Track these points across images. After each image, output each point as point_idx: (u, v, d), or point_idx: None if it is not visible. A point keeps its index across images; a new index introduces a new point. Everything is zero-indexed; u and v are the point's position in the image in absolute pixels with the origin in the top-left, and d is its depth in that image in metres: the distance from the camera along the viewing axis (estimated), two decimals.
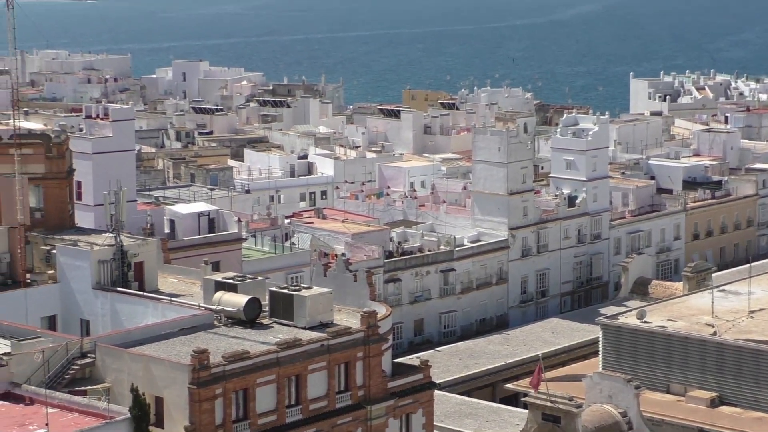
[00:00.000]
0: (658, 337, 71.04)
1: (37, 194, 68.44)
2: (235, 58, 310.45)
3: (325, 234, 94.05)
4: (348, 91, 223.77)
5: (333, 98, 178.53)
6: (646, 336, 71.50)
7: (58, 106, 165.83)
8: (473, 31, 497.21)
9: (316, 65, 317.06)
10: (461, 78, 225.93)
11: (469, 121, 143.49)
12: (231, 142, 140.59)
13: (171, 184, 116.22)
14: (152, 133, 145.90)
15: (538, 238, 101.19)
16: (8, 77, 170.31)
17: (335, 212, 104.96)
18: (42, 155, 68.86)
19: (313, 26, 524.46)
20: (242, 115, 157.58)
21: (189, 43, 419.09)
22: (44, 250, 65.97)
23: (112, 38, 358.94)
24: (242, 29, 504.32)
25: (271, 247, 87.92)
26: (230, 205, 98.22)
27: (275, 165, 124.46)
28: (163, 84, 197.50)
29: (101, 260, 62.02)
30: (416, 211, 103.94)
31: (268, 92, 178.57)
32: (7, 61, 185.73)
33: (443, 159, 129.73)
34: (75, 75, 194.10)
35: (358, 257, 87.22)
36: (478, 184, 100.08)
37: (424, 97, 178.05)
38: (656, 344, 71.06)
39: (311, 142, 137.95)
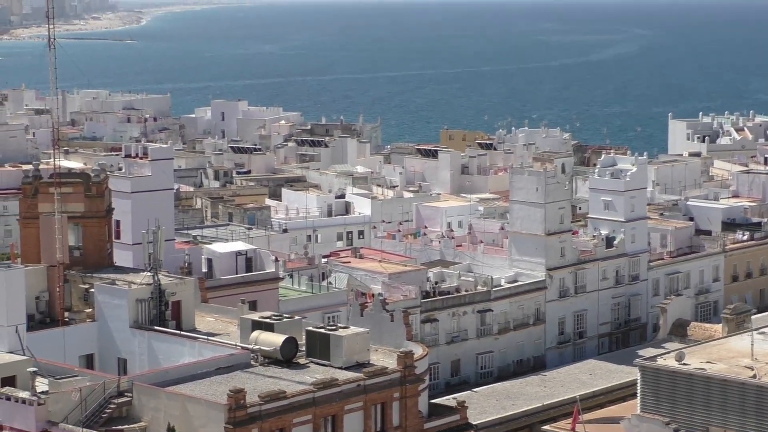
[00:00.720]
0: (697, 380, 70.28)
1: (77, 233, 68.86)
2: (273, 98, 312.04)
3: (362, 273, 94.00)
4: (386, 131, 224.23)
5: (371, 138, 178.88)
6: (685, 378, 70.76)
7: (97, 146, 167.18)
8: (511, 71, 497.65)
9: (354, 105, 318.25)
10: (499, 118, 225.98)
11: (507, 161, 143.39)
12: (269, 181, 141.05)
13: (209, 223, 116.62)
14: (191, 172, 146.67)
15: (576, 278, 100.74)
16: (49, 116, 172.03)
17: (372, 252, 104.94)
18: (81, 194, 69.32)
19: (352, 66, 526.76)
20: (280, 155, 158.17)
21: (228, 82, 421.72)
22: (83, 288, 66.29)
23: (151, 78, 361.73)
24: (280, 69, 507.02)
25: (308, 286, 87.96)
26: (267, 245, 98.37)
27: (313, 204, 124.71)
28: (202, 123, 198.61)
29: (139, 299, 62.28)
30: (453, 251, 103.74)
31: (306, 132, 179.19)
32: (49, 101, 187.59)
33: (480, 199, 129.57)
34: (115, 114, 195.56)
35: (394, 297, 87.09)
36: (516, 224, 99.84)
37: (461, 137, 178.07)
38: (695, 387, 70.31)
39: (349, 181, 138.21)
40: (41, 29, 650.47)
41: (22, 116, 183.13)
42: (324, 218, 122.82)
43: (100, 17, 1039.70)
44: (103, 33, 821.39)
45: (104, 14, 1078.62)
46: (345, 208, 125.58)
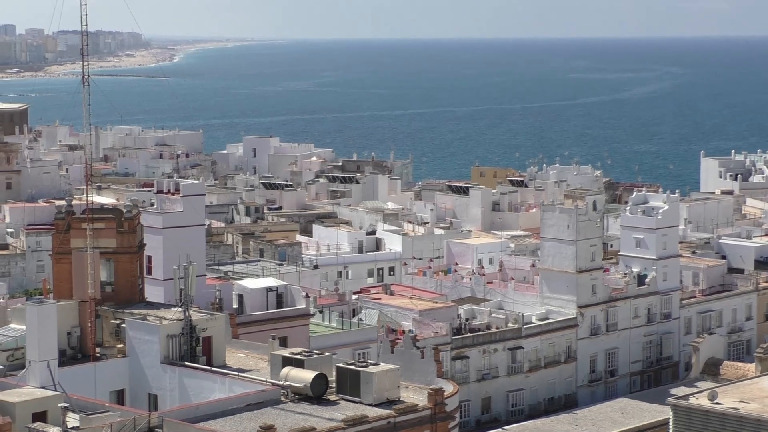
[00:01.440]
0: (730, 419, 69.70)
1: (108, 268, 69.13)
2: (305, 134, 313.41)
3: (393, 310, 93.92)
4: (417, 168, 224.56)
5: (402, 174, 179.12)
6: (718, 418, 70.19)
7: (130, 181, 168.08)
8: (542, 108, 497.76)
9: (386, 141, 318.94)
10: (530, 155, 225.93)
11: (538, 198, 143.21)
12: (300, 217, 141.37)
13: (240, 259, 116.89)
14: (222, 208, 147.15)
15: (607, 316, 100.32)
16: (82, 152, 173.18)
17: (403, 288, 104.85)
18: (114, 230, 69.65)
19: (383, 103, 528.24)
20: (311, 191, 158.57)
21: (260, 119, 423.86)
22: (114, 324, 66.49)
23: (184, 114, 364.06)
24: (312, 105, 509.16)
25: (338, 322, 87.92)
26: (298, 281, 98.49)
27: (343, 240, 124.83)
28: (233, 159, 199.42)
29: (170, 335, 62.41)
30: (484, 288, 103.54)
31: (337, 168, 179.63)
32: (82, 137, 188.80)
33: (511, 236, 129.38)
34: (147, 150, 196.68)
35: (425, 334, 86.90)
36: (547, 261, 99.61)
37: (492, 174, 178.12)
38: (728, 426, 69.73)
39: (379, 218, 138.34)
40: (75, 66, 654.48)
41: (55, 152, 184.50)
42: (355, 254, 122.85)
43: (133, 54, 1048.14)
44: (137, 70, 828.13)
45: (138, 51, 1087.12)
46: (376, 244, 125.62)
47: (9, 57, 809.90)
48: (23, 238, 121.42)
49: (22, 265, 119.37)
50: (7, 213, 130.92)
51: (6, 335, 65.75)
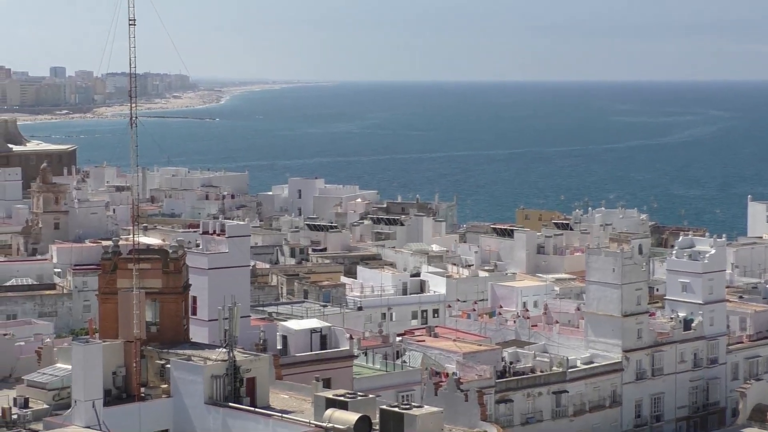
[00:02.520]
0: None
1: (154, 309, 69.39)
2: (350, 176, 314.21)
3: (437, 352, 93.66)
4: (461, 210, 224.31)
5: (446, 217, 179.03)
6: None
7: (176, 222, 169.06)
8: (587, 151, 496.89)
9: (430, 184, 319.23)
10: (575, 198, 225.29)
11: (583, 241, 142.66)
12: (344, 259, 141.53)
13: (284, 300, 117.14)
14: (267, 249, 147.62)
15: (653, 361, 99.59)
16: (129, 193, 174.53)
17: (447, 331, 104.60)
18: (159, 270, 69.96)
19: (428, 145, 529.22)
20: (356, 233, 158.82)
21: (305, 160, 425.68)
22: (159, 364, 66.67)
23: (230, 156, 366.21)
24: (357, 148, 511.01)
25: (382, 364, 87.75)
26: (342, 322, 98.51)
27: (388, 282, 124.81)
28: (278, 201, 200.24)
29: (214, 375, 62.52)
30: (528, 331, 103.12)
31: (382, 210, 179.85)
32: (129, 178, 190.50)
33: (556, 279, 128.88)
34: (193, 191, 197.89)
35: (469, 377, 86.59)
36: (592, 305, 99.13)
37: (537, 217, 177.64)
38: None
39: (424, 260, 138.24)
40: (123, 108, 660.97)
41: (103, 193, 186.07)
42: (399, 296, 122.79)
43: (180, 96, 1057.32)
44: (184, 111, 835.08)
45: (185, 93, 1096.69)
46: (420, 286, 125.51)
47: (59, 99, 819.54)
48: (70, 278, 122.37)
49: (68, 304, 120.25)
50: (55, 253, 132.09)
51: (52, 375, 66.18)
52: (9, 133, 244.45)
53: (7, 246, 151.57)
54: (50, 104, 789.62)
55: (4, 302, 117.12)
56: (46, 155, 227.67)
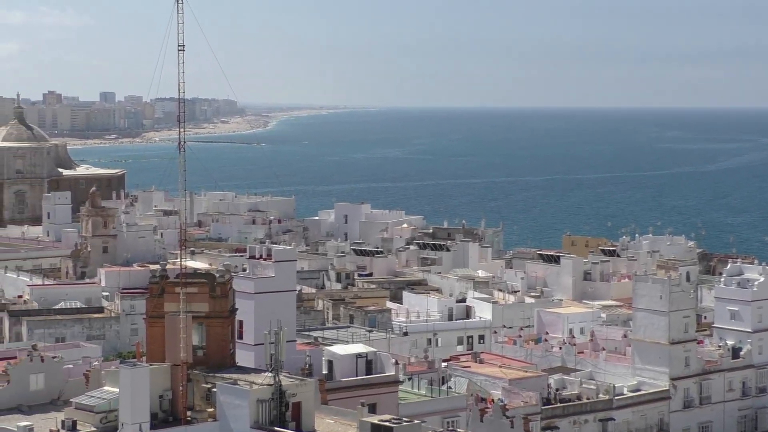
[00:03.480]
0: None
1: (200, 332, 69.75)
2: (396, 201, 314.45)
3: (482, 378, 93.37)
4: (507, 236, 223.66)
5: (492, 242, 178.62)
6: None
7: (223, 246, 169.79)
8: (635, 178, 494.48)
9: (477, 209, 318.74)
10: (622, 225, 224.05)
11: (630, 268, 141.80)
12: (390, 284, 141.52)
13: (330, 324, 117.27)
14: (313, 273, 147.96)
15: (701, 389, 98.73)
16: (177, 218, 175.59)
17: (493, 357, 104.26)
18: (206, 294, 70.34)
19: (475, 171, 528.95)
20: (402, 258, 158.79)
21: (351, 185, 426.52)
22: (205, 388, 66.96)
23: (277, 180, 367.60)
24: (404, 173, 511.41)
25: (427, 390, 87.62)
26: (388, 347, 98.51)
27: (433, 308, 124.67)
28: (325, 226, 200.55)
29: (260, 399, 62.70)
30: (575, 358, 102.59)
31: (428, 235, 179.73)
32: (177, 202, 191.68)
33: (603, 306, 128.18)
34: (240, 216, 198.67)
35: (515, 403, 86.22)
36: (639, 332, 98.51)
37: (584, 243, 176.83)
38: None
39: (470, 285, 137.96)
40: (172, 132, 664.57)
41: (151, 217, 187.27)
42: (444, 322, 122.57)
43: (228, 121, 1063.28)
44: (231, 136, 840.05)
45: (232, 118, 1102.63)
46: (466, 312, 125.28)
47: (108, 123, 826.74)
48: (118, 302, 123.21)
49: (116, 328, 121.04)
50: (103, 276, 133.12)
51: (100, 398, 66.59)
52: (59, 157, 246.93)
53: (57, 269, 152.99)
54: (100, 129, 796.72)
55: (53, 325, 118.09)
56: (95, 179, 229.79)
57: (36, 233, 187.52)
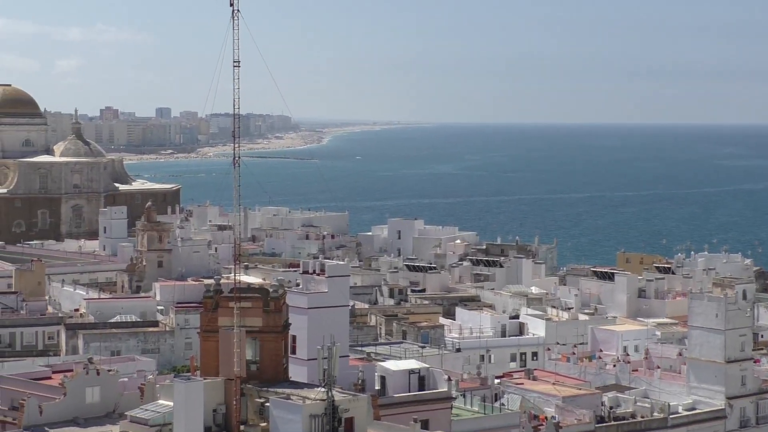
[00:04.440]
0: None
1: (254, 347, 69.98)
2: (449, 217, 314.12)
3: (536, 396, 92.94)
4: (561, 253, 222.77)
5: (546, 259, 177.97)
6: None
7: (276, 261, 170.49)
8: (690, 195, 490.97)
9: (530, 226, 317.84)
10: (678, 242, 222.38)
11: (686, 286, 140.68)
12: (443, 300, 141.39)
13: (383, 340, 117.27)
14: (366, 289, 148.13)
15: (758, 408, 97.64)
16: (231, 233, 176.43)
17: (546, 374, 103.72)
18: (260, 309, 70.58)
19: (528, 187, 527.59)
20: (455, 274, 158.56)
21: (404, 201, 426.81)
22: (258, 402, 67.18)
23: (330, 196, 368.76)
24: (457, 189, 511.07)
25: (480, 407, 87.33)
26: (440, 363, 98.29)
27: (486, 324, 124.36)
28: (378, 241, 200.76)
29: (313, 414, 62.76)
30: (629, 376, 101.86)
31: (481, 251, 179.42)
32: (231, 217, 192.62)
33: (658, 324, 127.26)
34: (294, 231, 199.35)
35: (568, 421, 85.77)
36: (694, 350, 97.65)
37: (638, 260, 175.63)
38: None
39: (523, 302, 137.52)
40: (226, 148, 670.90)
41: (205, 232, 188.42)
42: (498, 338, 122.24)
43: (282, 137, 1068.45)
44: (285, 152, 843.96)
45: (287, 134, 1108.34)
46: (519, 328, 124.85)
47: (164, 139, 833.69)
48: (172, 316, 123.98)
49: (171, 342, 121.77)
50: (158, 291, 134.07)
51: (154, 411, 67.05)
52: (116, 172, 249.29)
53: (113, 283, 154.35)
54: (156, 144, 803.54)
55: (108, 339, 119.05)
56: (150, 194, 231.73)
57: (92, 247, 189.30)
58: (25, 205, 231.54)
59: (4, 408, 75.22)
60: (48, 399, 72.78)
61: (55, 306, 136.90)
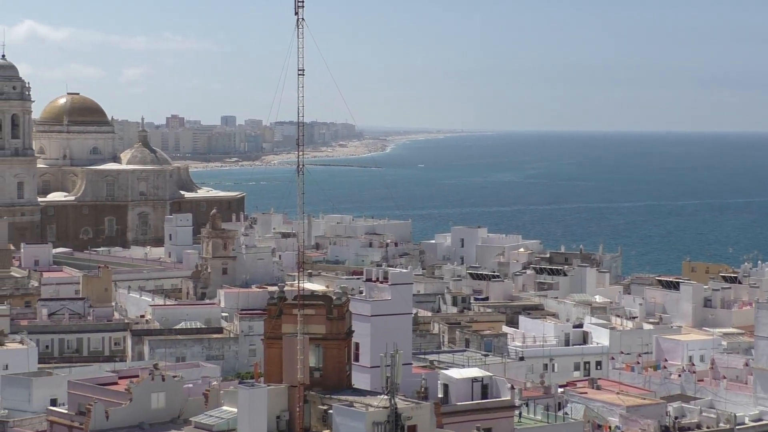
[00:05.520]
0: None
1: (317, 354, 70.27)
2: (512, 226, 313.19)
3: (599, 405, 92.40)
4: (626, 261, 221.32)
5: (610, 268, 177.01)
6: None
7: (340, 269, 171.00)
8: (756, 203, 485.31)
9: (594, 234, 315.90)
10: (744, 251, 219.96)
11: (752, 295, 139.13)
12: (506, 308, 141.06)
13: (446, 348, 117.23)
14: (429, 297, 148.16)
15: None
16: (295, 240, 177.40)
17: (610, 383, 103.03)
18: (323, 316, 70.87)
19: (592, 195, 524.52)
20: (518, 282, 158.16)
21: (468, 209, 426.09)
22: (321, 409, 67.42)
23: (393, 204, 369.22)
24: (521, 197, 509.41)
25: (543, 416, 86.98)
26: (504, 372, 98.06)
27: (550, 333, 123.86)
28: (441, 249, 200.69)
29: (376, 422, 62.92)
30: (694, 386, 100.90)
31: (545, 260, 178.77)
32: (295, 225, 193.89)
33: (724, 333, 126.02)
34: (357, 239, 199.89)
35: (632, 430, 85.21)
36: (761, 360, 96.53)
37: (704, 269, 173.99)
38: None
39: (587, 311, 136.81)
40: (291, 156, 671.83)
41: (269, 239, 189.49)
42: (561, 347, 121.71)
43: (346, 144, 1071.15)
44: (349, 159, 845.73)
45: (351, 142, 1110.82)
46: (583, 337, 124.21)
47: (229, 147, 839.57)
48: (237, 323, 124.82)
49: (235, 348, 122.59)
50: (223, 297, 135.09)
51: (218, 417, 67.56)
52: (181, 179, 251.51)
53: (178, 290, 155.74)
54: (221, 152, 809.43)
55: (173, 345, 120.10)
56: (215, 202, 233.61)
57: (158, 254, 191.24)
58: (93, 213, 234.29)
59: (72, 413, 76.15)
60: (114, 404, 73.58)
61: (121, 312, 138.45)
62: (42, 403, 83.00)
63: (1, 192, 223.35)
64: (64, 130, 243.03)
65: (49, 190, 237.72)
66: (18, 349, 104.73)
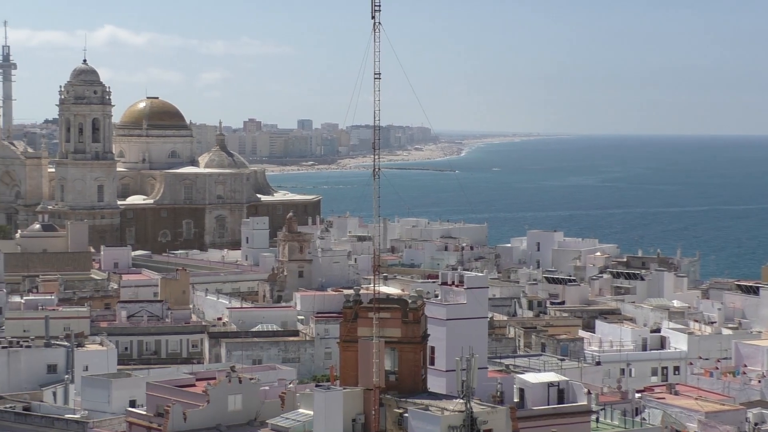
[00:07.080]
0: None
1: (392, 357, 70.35)
2: (589, 230, 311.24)
3: (677, 411, 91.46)
4: (704, 266, 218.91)
5: (688, 272, 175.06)
6: None
7: (415, 272, 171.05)
8: None
9: (672, 238, 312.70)
10: None
11: None
12: (583, 312, 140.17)
13: (521, 352, 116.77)
14: (505, 301, 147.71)
15: None
16: (371, 243, 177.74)
17: (688, 389, 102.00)
18: (399, 320, 70.92)
19: (669, 199, 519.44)
20: (595, 287, 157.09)
21: (544, 213, 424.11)
22: (397, 413, 67.50)
23: (469, 207, 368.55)
24: (597, 201, 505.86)
25: (620, 421, 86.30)
26: (580, 377, 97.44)
27: (627, 337, 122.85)
28: (517, 253, 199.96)
29: (451, 426, 62.90)
30: None
31: (622, 264, 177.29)
32: (371, 228, 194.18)
33: None
34: (433, 242, 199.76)
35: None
36: None
37: None
38: None
39: (665, 315, 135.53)
40: (366, 159, 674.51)
41: (345, 242, 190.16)
42: (638, 352, 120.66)
43: (422, 148, 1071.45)
44: (425, 163, 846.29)
45: (426, 145, 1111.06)
46: (660, 342, 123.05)
47: (305, 150, 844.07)
48: (312, 326, 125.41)
49: (311, 351, 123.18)
50: (299, 300, 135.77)
51: (295, 419, 67.98)
52: (258, 183, 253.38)
53: (254, 292, 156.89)
54: (297, 155, 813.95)
55: (250, 347, 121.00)
56: (292, 205, 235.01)
57: (235, 257, 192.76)
58: (171, 215, 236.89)
59: (150, 414, 77.04)
60: (192, 406, 74.31)
61: (198, 314, 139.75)
62: (121, 404, 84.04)
63: (81, 195, 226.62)
64: (143, 134, 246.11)
65: (128, 194, 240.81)
66: (98, 350, 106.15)
